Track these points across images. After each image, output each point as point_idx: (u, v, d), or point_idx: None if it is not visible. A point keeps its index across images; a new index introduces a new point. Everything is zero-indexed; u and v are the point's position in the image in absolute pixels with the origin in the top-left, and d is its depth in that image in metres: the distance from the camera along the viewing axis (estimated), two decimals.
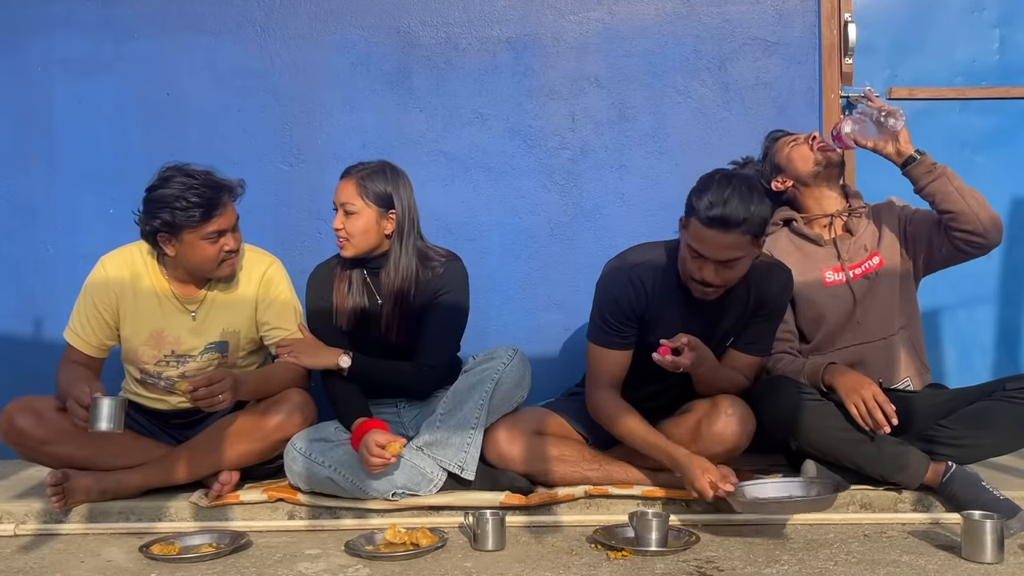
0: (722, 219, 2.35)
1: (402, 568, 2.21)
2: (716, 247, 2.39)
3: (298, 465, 2.60)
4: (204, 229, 2.61)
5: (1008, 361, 3.45)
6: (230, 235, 2.68)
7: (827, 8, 3.39)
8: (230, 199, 2.68)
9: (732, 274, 2.46)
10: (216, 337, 2.79)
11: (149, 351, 2.77)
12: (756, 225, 2.38)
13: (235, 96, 3.45)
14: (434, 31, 3.46)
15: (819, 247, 2.88)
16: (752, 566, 2.18)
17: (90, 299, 2.75)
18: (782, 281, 2.66)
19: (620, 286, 2.60)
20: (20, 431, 2.62)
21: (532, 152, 3.43)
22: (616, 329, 2.62)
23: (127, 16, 3.46)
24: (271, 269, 2.85)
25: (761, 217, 2.38)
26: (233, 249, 2.69)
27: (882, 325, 2.83)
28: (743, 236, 2.38)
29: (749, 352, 2.69)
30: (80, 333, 2.75)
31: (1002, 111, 3.44)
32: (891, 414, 2.50)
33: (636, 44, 3.43)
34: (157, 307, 2.76)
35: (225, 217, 2.65)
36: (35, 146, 3.47)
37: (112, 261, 2.78)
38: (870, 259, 2.85)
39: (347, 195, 2.74)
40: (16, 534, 2.58)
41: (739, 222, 2.35)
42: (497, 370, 2.70)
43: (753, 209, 2.36)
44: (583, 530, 2.48)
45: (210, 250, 2.65)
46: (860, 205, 2.91)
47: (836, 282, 2.85)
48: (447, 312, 2.79)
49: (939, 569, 2.15)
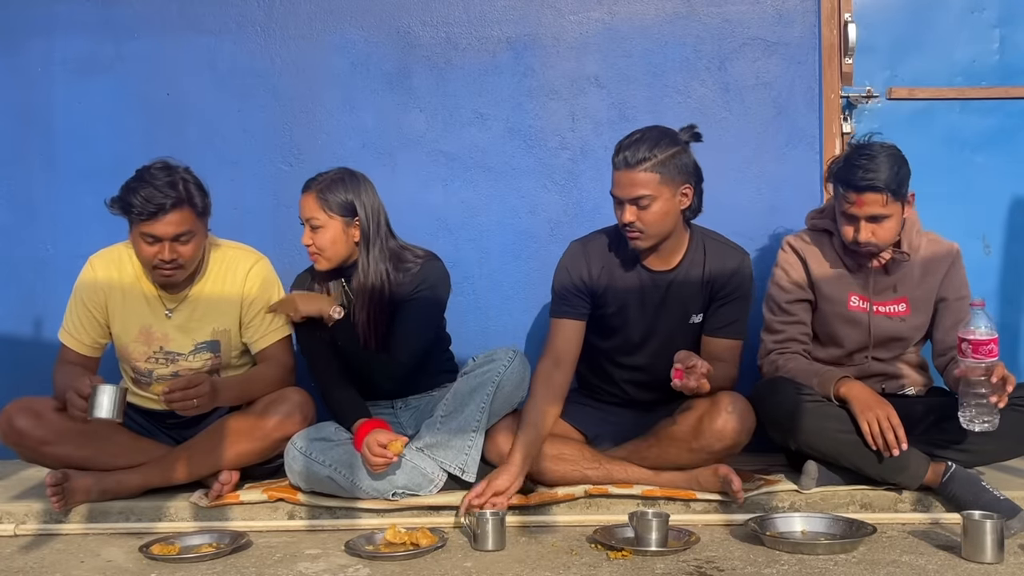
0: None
1: (402, 568, 2.21)
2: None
3: (298, 464, 2.60)
4: (139, 227, 2.59)
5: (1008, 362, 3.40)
6: (167, 245, 2.58)
7: (827, 8, 3.39)
8: (179, 210, 2.57)
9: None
10: (207, 336, 2.78)
11: (139, 347, 2.77)
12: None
13: (235, 96, 3.45)
14: (434, 31, 3.45)
15: (851, 272, 2.81)
16: (752, 566, 2.18)
17: (80, 299, 2.76)
18: (736, 261, 2.72)
19: (572, 256, 2.78)
20: (20, 432, 2.62)
21: (532, 152, 3.43)
22: (564, 298, 2.74)
23: (127, 16, 3.46)
24: (256, 267, 2.83)
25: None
26: (167, 260, 2.60)
27: (892, 352, 2.82)
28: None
29: (723, 336, 2.73)
30: (73, 333, 2.76)
31: (1002, 111, 3.43)
32: (902, 439, 2.49)
33: (636, 44, 3.43)
34: (144, 304, 2.76)
35: (163, 223, 2.56)
36: (35, 146, 3.47)
37: (100, 260, 2.78)
38: (897, 303, 2.79)
39: (310, 210, 2.74)
40: (16, 534, 2.58)
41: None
42: (498, 372, 2.70)
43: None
44: (583, 530, 2.48)
45: (146, 251, 2.62)
46: (906, 250, 2.75)
47: (859, 309, 2.79)
48: (417, 308, 2.77)
49: (939, 569, 2.14)
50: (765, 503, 2.61)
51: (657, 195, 2.57)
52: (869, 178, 2.59)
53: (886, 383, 2.81)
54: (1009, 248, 3.42)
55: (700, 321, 2.75)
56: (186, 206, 2.60)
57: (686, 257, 2.73)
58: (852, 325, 2.79)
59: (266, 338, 2.81)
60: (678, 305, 2.73)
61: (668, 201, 2.60)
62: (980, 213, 3.40)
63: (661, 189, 2.58)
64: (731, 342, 2.74)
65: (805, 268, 2.83)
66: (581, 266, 2.74)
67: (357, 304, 2.77)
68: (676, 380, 2.45)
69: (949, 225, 3.04)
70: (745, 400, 2.62)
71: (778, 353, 2.81)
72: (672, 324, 2.75)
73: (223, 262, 2.81)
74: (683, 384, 2.44)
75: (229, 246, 2.87)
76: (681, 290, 2.72)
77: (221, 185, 3.38)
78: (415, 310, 2.78)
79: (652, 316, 2.75)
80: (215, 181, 3.34)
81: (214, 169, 3.36)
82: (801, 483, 2.63)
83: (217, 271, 2.80)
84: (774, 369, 2.78)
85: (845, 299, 2.79)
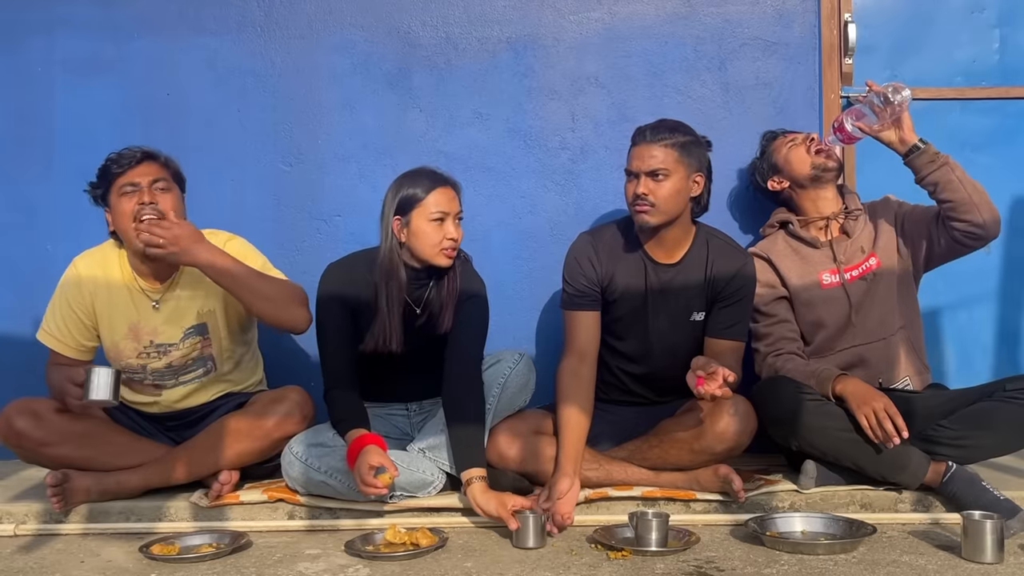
0: None
1: (402, 568, 2.21)
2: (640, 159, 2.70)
3: (295, 470, 2.59)
4: (119, 183, 2.64)
5: (1008, 361, 3.45)
6: (146, 190, 2.63)
7: (827, 8, 3.39)
8: (151, 162, 2.68)
9: (659, 189, 2.67)
10: (193, 321, 2.76)
11: (130, 344, 2.76)
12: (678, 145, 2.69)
13: (235, 96, 3.45)
14: (434, 31, 3.45)
15: (816, 249, 2.88)
16: (752, 566, 2.18)
17: (64, 300, 2.75)
18: (740, 263, 2.76)
19: (580, 245, 2.83)
20: (19, 433, 2.62)
21: (532, 152, 3.43)
22: (578, 290, 2.78)
23: (127, 16, 3.45)
24: (232, 242, 2.76)
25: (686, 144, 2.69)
26: (148, 202, 2.61)
27: (881, 326, 2.83)
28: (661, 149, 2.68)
29: (725, 337, 2.75)
30: (55, 334, 2.75)
31: (1002, 111, 3.43)
32: (902, 427, 2.49)
33: (636, 44, 3.43)
34: (130, 301, 2.75)
35: (137, 173, 2.64)
36: (35, 146, 3.47)
37: (83, 260, 2.78)
38: (867, 260, 2.85)
39: (457, 203, 2.69)
40: (16, 534, 2.58)
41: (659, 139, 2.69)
42: (503, 374, 2.70)
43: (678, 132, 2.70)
44: (583, 530, 2.48)
45: (127, 205, 2.63)
46: (857, 207, 2.91)
47: (833, 284, 2.85)
48: (480, 308, 2.78)
49: (939, 569, 2.14)
50: (765, 503, 2.61)
51: (673, 171, 2.65)
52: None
53: (883, 375, 2.81)
54: (1009, 248, 3.42)
55: (701, 320, 2.76)
56: (158, 161, 2.70)
57: (690, 252, 2.76)
58: (831, 302, 2.84)
59: None
60: (679, 300, 2.75)
61: (681, 180, 2.67)
62: None
63: (677, 167, 2.65)
64: (733, 343, 2.75)
65: (772, 267, 2.89)
66: (590, 253, 2.79)
67: (443, 300, 2.72)
68: (699, 387, 2.41)
69: None
70: (747, 402, 2.63)
71: (774, 356, 2.82)
72: (672, 318, 2.77)
73: None
74: (706, 390, 2.41)
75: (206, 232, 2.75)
76: (684, 285, 2.75)
77: (221, 185, 3.41)
78: (478, 309, 2.76)
79: (653, 308, 2.77)
80: (215, 181, 3.38)
81: (214, 169, 3.38)
82: (800, 483, 2.63)
83: None
84: (772, 372, 2.79)
85: (817, 280, 2.85)
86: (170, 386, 2.80)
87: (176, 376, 2.79)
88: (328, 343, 2.72)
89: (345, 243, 3.27)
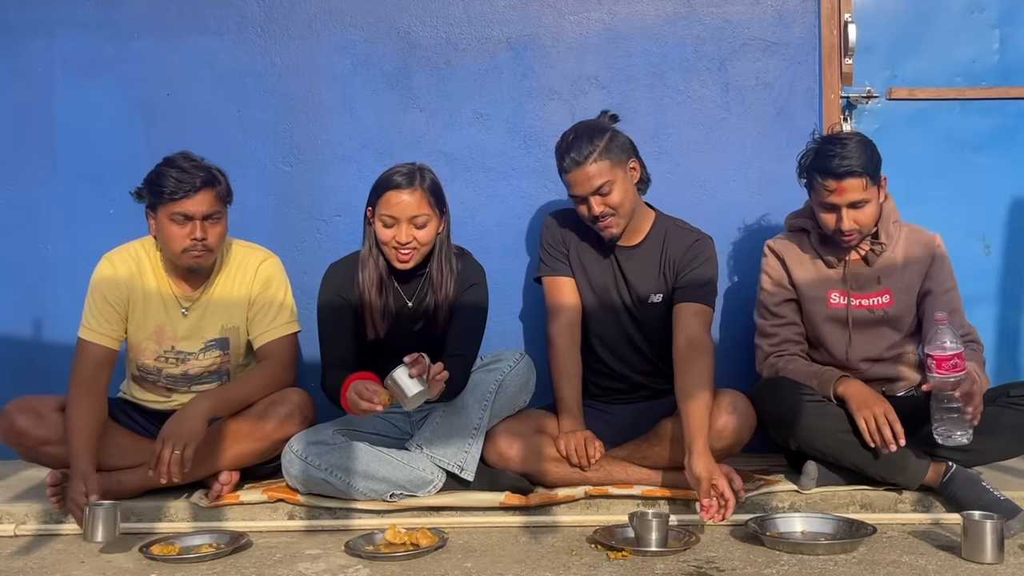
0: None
1: (402, 568, 2.21)
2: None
3: (295, 468, 2.60)
4: (171, 208, 2.62)
5: (1009, 362, 3.44)
6: (199, 224, 2.64)
7: (827, 8, 3.39)
8: (209, 189, 2.66)
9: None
10: (216, 334, 2.79)
11: (151, 345, 2.77)
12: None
13: (235, 96, 3.45)
14: (434, 31, 3.45)
15: (831, 268, 2.83)
16: (752, 566, 2.18)
17: (101, 295, 2.74)
18: (693, 238, 2.85)
19: (551, 222, 3.00)
20: (20, 432, 2.63)
21: (532, 152, 3.43)
22: (554, 256, 2.94)
23: (127, 17, 3.45)
24: (265, 264, 2.84)
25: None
26: (200, 238, 2.64)
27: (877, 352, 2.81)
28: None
29: (689, 300, 2.78)
30: (97, 329, 2.72)
31: (1002, 111, 3.43)
32: (899, 435, 2.49)
33: (636, 44, 3.42)
34: (160, 303, 2.77)
35: (194, 202, 2.63)
36: (35, 146, 3.47)
37: (118, 257, 2.78)
38: (880, 295, 2.80)
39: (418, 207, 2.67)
40: (16, 534, 2.58)
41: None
42: (503, 372, 2.70)
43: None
44: (583, 530, 2.48)
45: (177, 232, 2.64)
46: (886, 238, 2.78)
47: (839, 305, 2.81)
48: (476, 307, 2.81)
49: (939, 569, 2.15)
50: (765, 503, 2.61)
51: (614, 178, 2.75)
52: (847, 164, 2.63)
53: (886, 386, 2.81)
54: (1009, 248, 3.42)
55: (659, 302, 2.83)
56: (214, 187, 2.68)
57: (649, 236, 2.89)
58: (834, 323, 2.81)
59: (270, 333, 2.80)
60: (636, 281, 2.86)
61: (624, 180, 2.78)
62: (980, 213, 3.40)
63: (615, 172, 2.75)
64: (697, 306, 2.78)
65: (785, 268, 2.86)
66: (558, 228, 2.96)
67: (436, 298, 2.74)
68: (703, 515, 2.41)
69: (949, 225, 3.04)
70: (746, 399, 2.64)
71: (776, 356, 2.81)
72: (629, 300, 2.88)
73: (236, 259, 2.83)
74: (705, 518, 2.41)
75: (241, 244, 2.88)
76: (640, 266, 2.87)
77: None
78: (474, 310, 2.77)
79: (611, 288, 2.89)
80: None
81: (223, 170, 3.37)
82: (801, 483, 2.63)
83: (230, 268, 2.82)
84: (774, 372, 2.78)
85: (825, 296, 2.81)
86: (182, 391, 2.81)
87: (190, 384, 2.82)
88: (327, 342, 2.76)
89: (345, 243, 3.27)
